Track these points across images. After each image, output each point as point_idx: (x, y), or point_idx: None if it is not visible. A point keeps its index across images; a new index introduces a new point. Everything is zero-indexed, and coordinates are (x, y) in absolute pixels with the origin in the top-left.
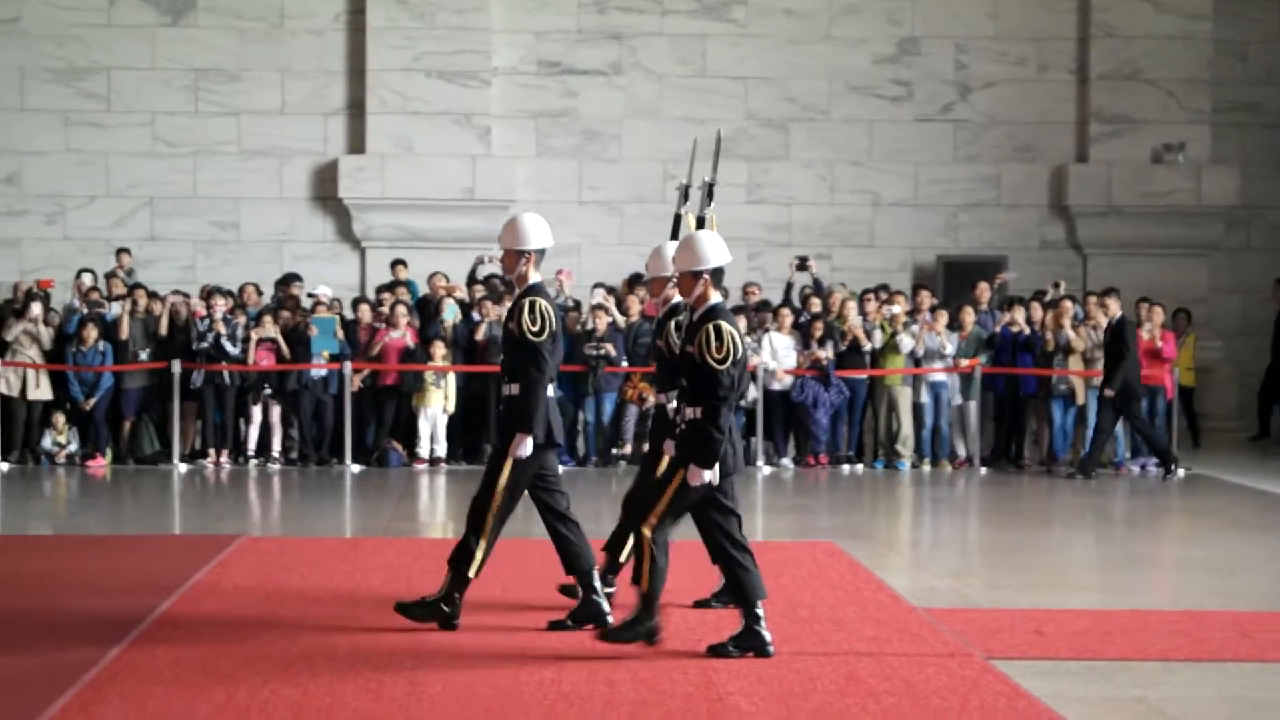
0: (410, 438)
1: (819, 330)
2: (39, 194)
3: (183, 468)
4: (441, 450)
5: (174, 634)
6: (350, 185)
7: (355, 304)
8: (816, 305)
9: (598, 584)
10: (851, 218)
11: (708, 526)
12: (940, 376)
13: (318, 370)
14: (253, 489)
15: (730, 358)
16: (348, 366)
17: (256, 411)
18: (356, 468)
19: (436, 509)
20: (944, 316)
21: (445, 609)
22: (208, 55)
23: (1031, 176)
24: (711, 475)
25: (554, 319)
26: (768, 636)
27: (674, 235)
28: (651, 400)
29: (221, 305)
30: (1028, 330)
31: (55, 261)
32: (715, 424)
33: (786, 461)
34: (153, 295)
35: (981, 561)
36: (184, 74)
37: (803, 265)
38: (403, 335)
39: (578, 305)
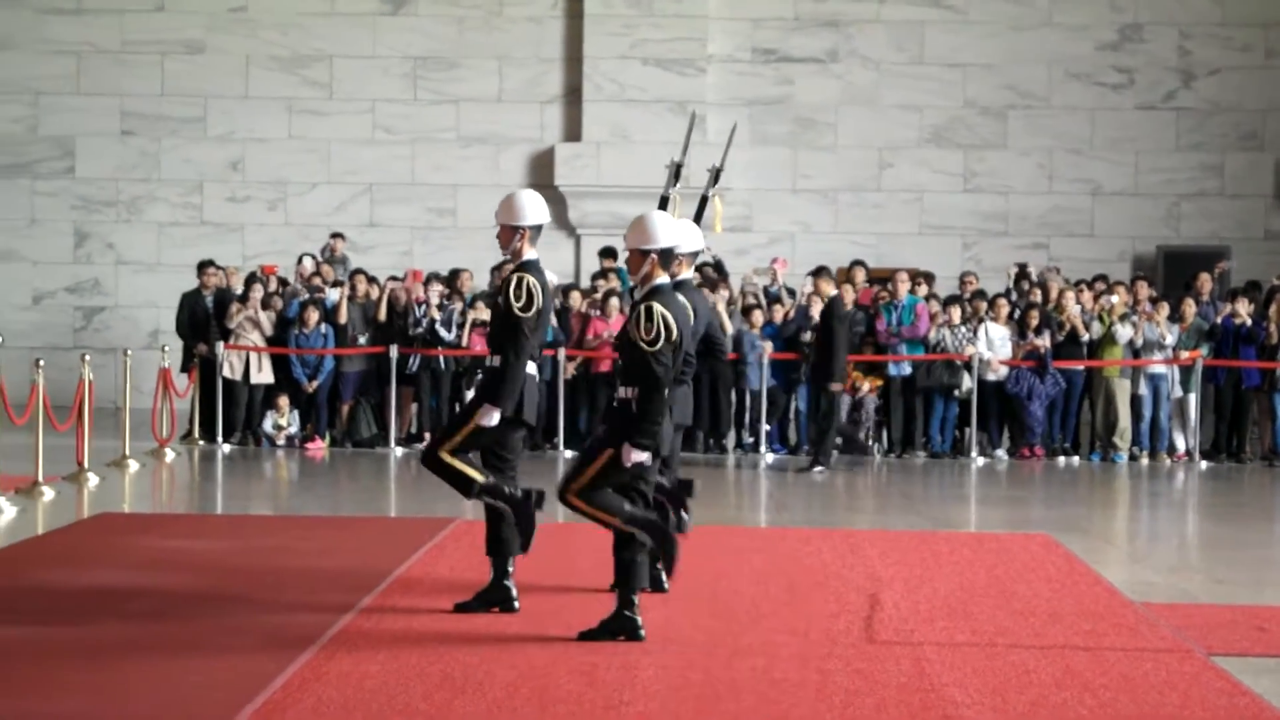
0: None
1: (1035, 320)
2: (262, 180)
3: (399, 451)
4: None
5: (390, 614)
6: (566, 172)
7: (568, 291)
8: (1035, 295)
9: (512, 569)
10: (1070, 207)
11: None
12: (1159, 368)
13: None
14: None
15: (660, 339)
16: (561, 353)
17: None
18: (569, 453)
19: None
20: (1165, 308)
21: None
22: (427, 43)
23: (1256, 165)
24: (645, 457)
25: (541, 297)
26: (639, 620)
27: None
28: (865, 388)
29: (437, 291)
30: (1250, 322)
31: (277, 247)
32: (650, 406)
33: (1001, 453)
34: (371, 280)
35: (1201, 556)
36: (403, 62)
37: (1023, 273)
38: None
39: (792, 294)
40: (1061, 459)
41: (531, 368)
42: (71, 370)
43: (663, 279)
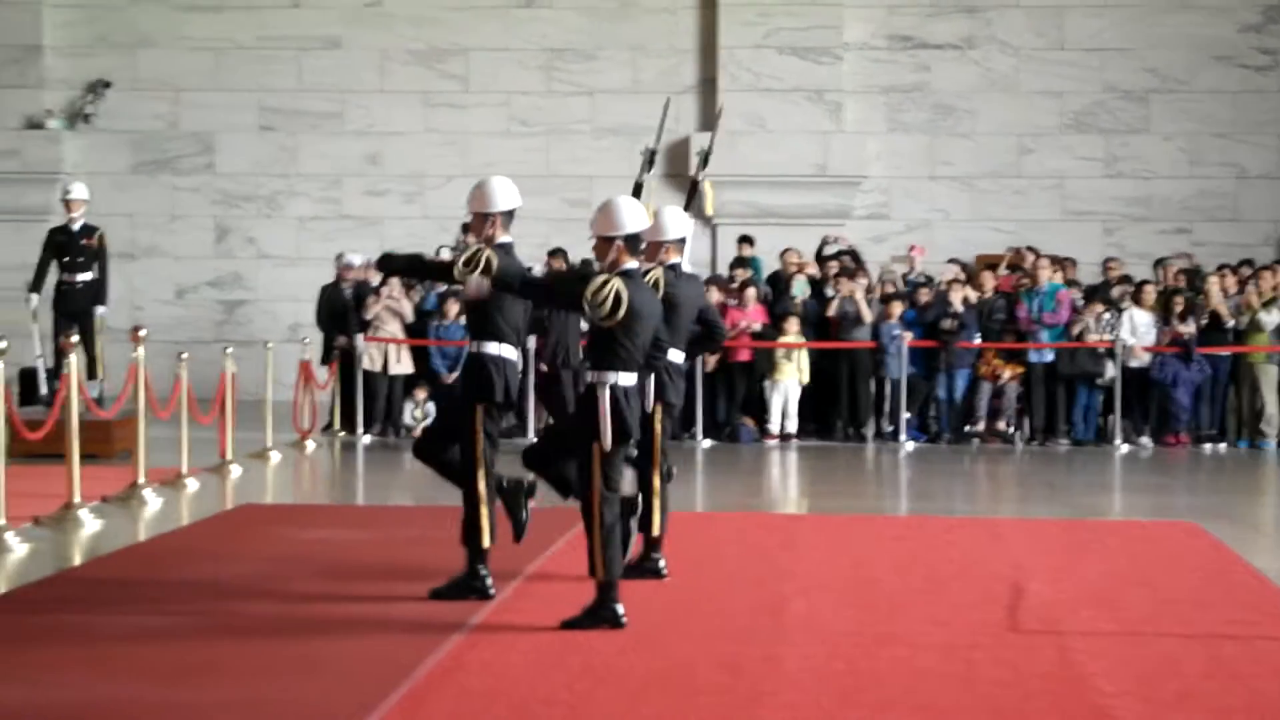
0: (761, 413)
1: (1180, 306)
2: (399, 174)
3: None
4: (793, 426)
5: (531, 604)
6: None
7: (706, 281)
8: (1179, 281)
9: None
10: (1214, 191)
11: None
12: None
13: None
14: None
15: (608, 309)
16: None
17: None
18: (708, 443)
19: (788, 484)
20: None
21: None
22: (561, 35)
23: None
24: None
25: (493, 270)
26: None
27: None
28: (1007, 375)
29: None
30: None
31: (414, 240)
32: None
33: (1145, 440)
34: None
35: None
36: (538, 54)
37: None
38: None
39: (930, 281)
40: (1207, 446)
41: (510, 352)
42: (214, 363)
43: (631, 264)
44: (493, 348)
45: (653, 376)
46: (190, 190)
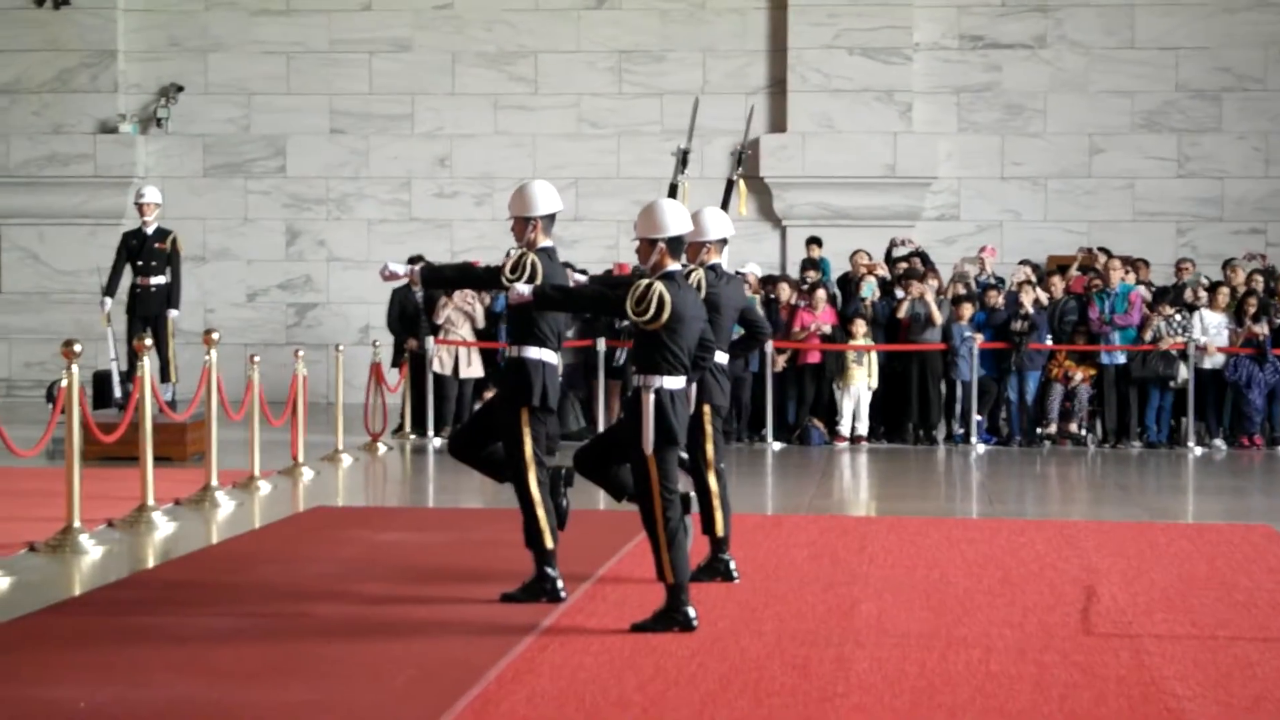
0: (831, 415)
1: (1253, 307)
2: (469, 176)
3: None
4: (863, 428)
5: (602, 606)
6: (771, 164)
7: (775, 282)
8: (1255, 282)
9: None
10: None
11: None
12: None
13: None
14: None
15: (651, 313)
16: (769, 345)
17: None
18: (777, 445)
19: (859, 486)
20: None
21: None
22: (631, 37)
23: None
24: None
25: (539, 276)
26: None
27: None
28: (1078, 377)
29: None
30: None
31: (484, 242)
32: (561, 294)
33: (1219, 442)
34: (582, 273)
35: None
36: (608, 56)
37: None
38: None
39: (1001, 283)
40: None
41: (550, 356)
42: (285, 366)
43: (673, 266)
44: (533, 352)
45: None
46: (261, 193)
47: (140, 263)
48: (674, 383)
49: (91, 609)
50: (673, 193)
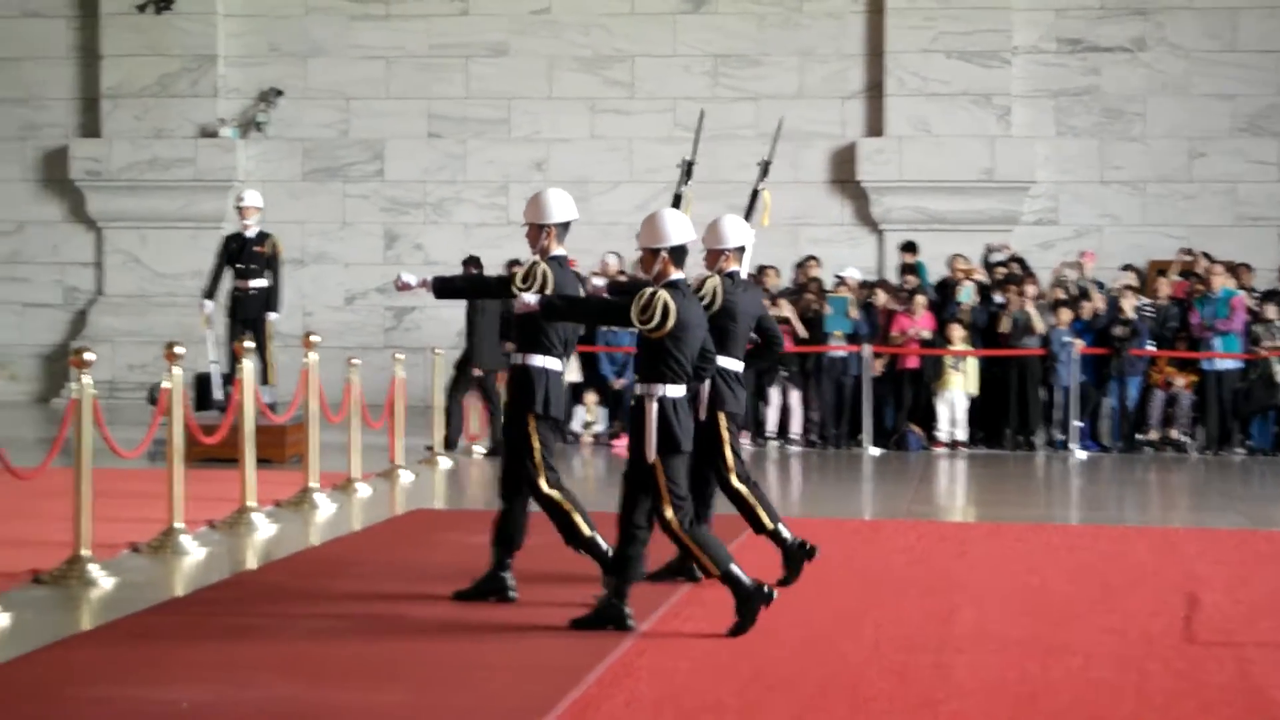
0: (930, 420)
1: None
2: (565, 179)
3: None
4: (961, 434)
5: (699, 611)
6: (868, 168)
7: (873, 287)
8: None
9: (510, 559)
10: None
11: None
12: None
13: (836, 352)
14: (771, 470)
15: (656, 321)
16: (867, 349)
17: (774, 393)
18: (875, 450)
19: (956, 492)
20: None
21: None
22: (727, 41)
23: None
24: (533, 299)
25: (549, 286)
26: (628, 611)
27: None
28: (1180, 383)
29: None
30: None
31: (581, 245)
32: (569, 305)
33: None
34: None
35: None
36: (704, 59)
37: None
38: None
39: (1101, 286)
40: None
41: (555, 364)
42: (383, 369)
43: (677, 275)
44: (537, 360)
45: (707, 386)
46: (360, 197)
47: (240, 266)
48: (676, 391)
49: (193, 610)
50: (676, 203)
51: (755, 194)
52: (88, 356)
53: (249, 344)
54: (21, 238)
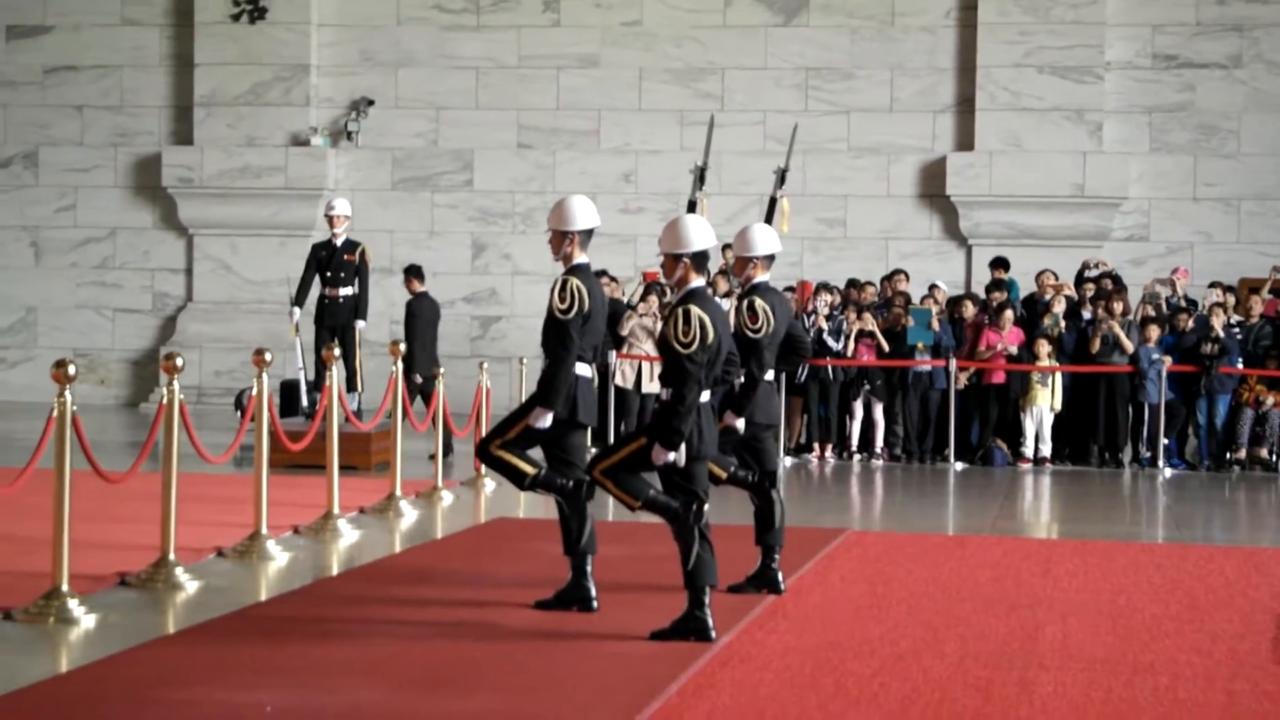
0: (1015, 436)
1: None
2: (654, 192)
3: (788, 461)
4: (1047, 450)
5: (782, 624)
6: (958, 182)
7: (960, 301)
8: None
9: (589, 567)
10: None
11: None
12: None
13: (922, 366)
14: (855, 484)
15: (697, 342)
16: (953, 363)
17: (859, 407)
18: (960, 465)
19: (1041, 509)
20: None
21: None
22: (819, 54)
23: None
24: (677, 456)
25: (585, 300)
26: (710, 621)
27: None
28: (1270, 402)
29: (826, 301)
30: None
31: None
32: (681, 407)
33: None
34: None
35: None
36: (795, 73)
37: None
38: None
39: (1196, 304)
40: None
41: (585, 370)
42: (469, 378)
43: (697, 282)
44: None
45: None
46: (449, 207)
47: (329, 274)
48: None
49: (278, 614)
50: (691, 209)
51: (773, 201)
52: (179, 362)
53: (336, 351)
54: (113, 244)
